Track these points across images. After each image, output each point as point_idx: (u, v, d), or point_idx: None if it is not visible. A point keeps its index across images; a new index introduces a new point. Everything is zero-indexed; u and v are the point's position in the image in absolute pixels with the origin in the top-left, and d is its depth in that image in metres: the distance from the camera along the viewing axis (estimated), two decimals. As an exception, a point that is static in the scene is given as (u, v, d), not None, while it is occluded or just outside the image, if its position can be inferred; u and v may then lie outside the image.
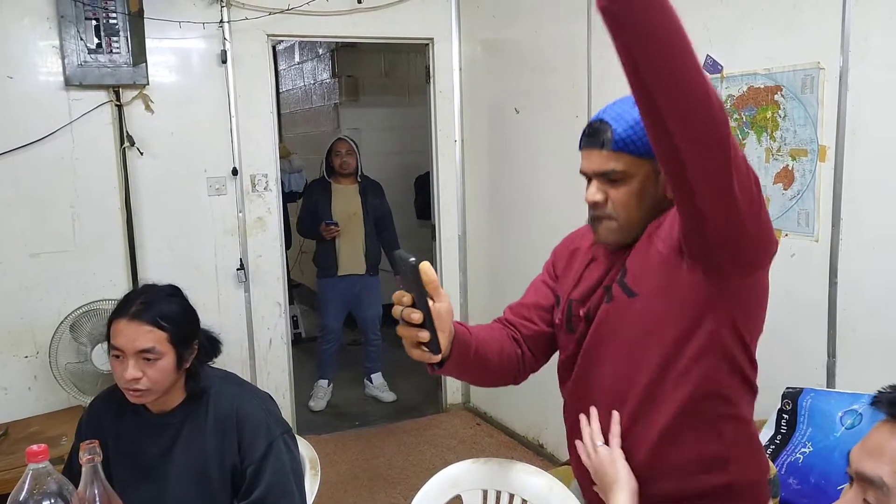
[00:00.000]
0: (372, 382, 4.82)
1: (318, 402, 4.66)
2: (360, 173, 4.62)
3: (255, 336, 4.05)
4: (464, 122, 4.39)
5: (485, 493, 1.62)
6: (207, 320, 1.83)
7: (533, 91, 3.76)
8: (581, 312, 1.41)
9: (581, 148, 1.38)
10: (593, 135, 1.34)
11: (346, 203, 4.58)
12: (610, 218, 1.35)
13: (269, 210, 4.03)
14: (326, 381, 4.74)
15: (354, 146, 4.58)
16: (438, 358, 1.22)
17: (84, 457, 1.30)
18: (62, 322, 3.34)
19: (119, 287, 3.64)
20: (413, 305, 1.16)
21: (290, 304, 4.53)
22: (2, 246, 3.50)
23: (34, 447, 1.17)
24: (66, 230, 3.61)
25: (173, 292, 1.77)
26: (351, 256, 4.58)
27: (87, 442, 1.32)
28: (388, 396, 4.75)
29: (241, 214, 3.94)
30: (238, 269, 3.94)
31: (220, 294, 3.89)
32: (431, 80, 4.38)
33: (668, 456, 1.32)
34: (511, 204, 4.04)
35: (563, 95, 3.52)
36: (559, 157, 3.55)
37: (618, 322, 1.33)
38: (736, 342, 1.29)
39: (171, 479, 1.72)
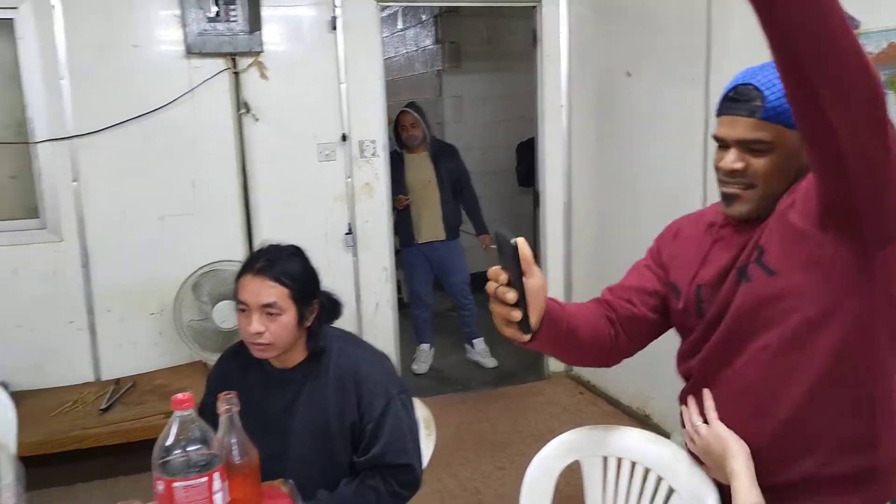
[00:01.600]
0: (473, 347, 4.85)
1: (421, 365, 4.74)
2: (429, 140, 4.58)
3: (362, 300, 4.14)
4: (571, 87, 4.30)
5: (605, 459, 1.60)
6: (316, 283, 1.88)
7: (645, 53, 3.64)
8: (713, 296, 1.36)
9: (722, 113, 1.31)
10: (739, 100, 1.27)
11: (418, 172, 4.56)
12: (748, 188, 1.29)
13: (376, 176, 4.09)
14: (427, 345, 4.81)
15: (419, 116, 4.52)
16: (528, 338, 1.21)
17: (222, 407, 1.37)
18: (185, 282, 3.50)
19: (236, 249, 3.79)
20: (508, 284, 1.15)
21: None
22: (131, 209, 3.69)
23: (180, 395, 1.23)
24: (187, 194, 3.77)
25: (296, 252, 1.82)
26: (429, 224, 4.59)
27: (226, 393, 1.38)
28: (490, 362, 4.77)
29: (349, 180, 4.02)
30: (346, 234, 4.02)
31: (328, 258, 3.98)
32: (538, 44, 4.31)
33: (806, 434, 1.27)
34: (620, 171, 3.95)
35: (678, 57, 3.39)
36: (673, 123, 3.43)
37: (758, 302, 1.28)
38: (891, 314, 1.22)
39: (293, 434, 1.78)
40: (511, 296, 1.14)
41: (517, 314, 1.15)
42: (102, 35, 3.57)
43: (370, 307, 4.18)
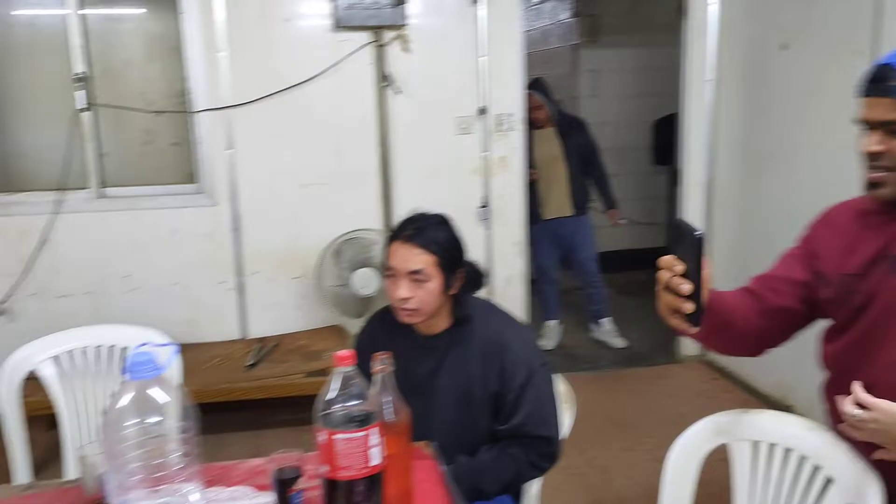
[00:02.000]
0: (600, 326, 4.79)
1: (548, 341, 4.73)
2: (556, 116, 4.49)
3: (494, 273, 4.17)
4: (720, 60, 4.12)
5: (755, 444, 1.55)
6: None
7: (804, 24, 3.43)
8: (861, 284, 1.31)
9: (863, 94, 1.26)
10: (880, 81, 1.22)
11: (545, 147, 4.48)
12: (891, 170, 1.25)
13: (512, 150, 4.09)
14: (555, 321, 4.79)
15: (543, 97, 4.41)
16: (695, 330, 1.19)
17: (377, 366, 1.42)
18: (326, 248, 3.65)
19: (374, 218, 3.90)
20: (684, 275, 1.13)
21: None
22: (278, 176, 3.87)
23: (342, 352, 1.29)
24: (329, 164, 3.91)
25: (443, 220, 1.86)
26: (556, 199, 4.53)
27: (381, 353, 1.44)
28: (619, 342, 4.70)
29: (485, 154, 4.04)
30: (481, 208, 4.06)
31: (462, 231, 4.02)
32: (684, 16, 4.15)
33: None
34: (770, 151, 3.75)
35: (840, 29, 3.17)
36: (833, 100, 3.22)
37: None
38: None
39: (436, 398, 1.83)
40: (686, 287, 1.13)
41: (689, 306, 1.14)
42: (257, 10, 3.73)
43: (501, 281, 4.21)
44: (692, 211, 4.33)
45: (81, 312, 3.74)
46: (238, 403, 3.46)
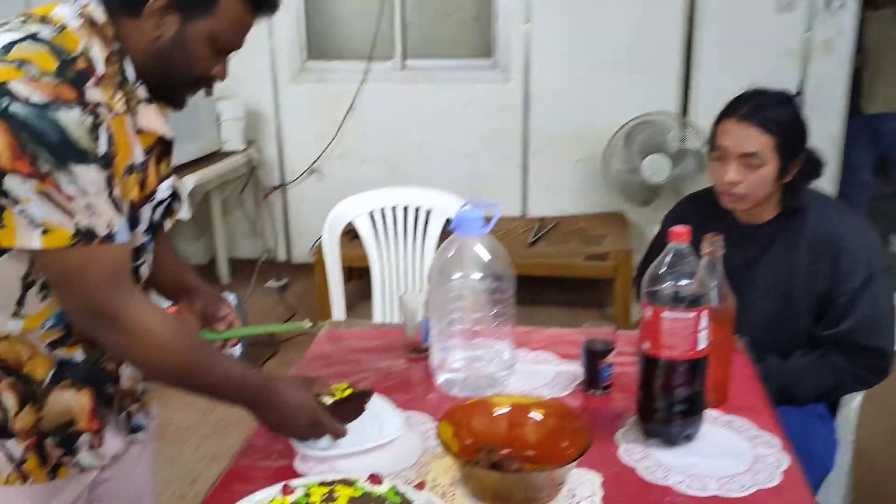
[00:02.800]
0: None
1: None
2: None
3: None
4: None
5: None
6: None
7: None
8: None
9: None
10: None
11: (880, 31, 3.83)
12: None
13: (840, 31, 3.58)
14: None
15: None
16: None
17: (706, 248, 1.32)
18: (618, 131, 3.51)
19: (670, 102, 3.67)
20: None
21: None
22: (572, 54, 3.77)
23: (678, 227, 1.20)
24: (628, 43, 3.71)
25: (787, 99, 1.66)
26: (884, 92, 3.94)
27: (712, 234, 1.33)
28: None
29: (807, 34, 3.57)
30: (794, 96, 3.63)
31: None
32: None
33: None
34: None
35: None
36: None
37: None
38: None
39: (752, 292, 1.69)
40: None
41: None
42: None
43: (805, 180, 3.80)
44: None
45: (378, 177, 4.00)
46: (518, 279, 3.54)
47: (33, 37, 0.97)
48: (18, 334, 1.06)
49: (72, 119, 0.93)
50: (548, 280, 3.60)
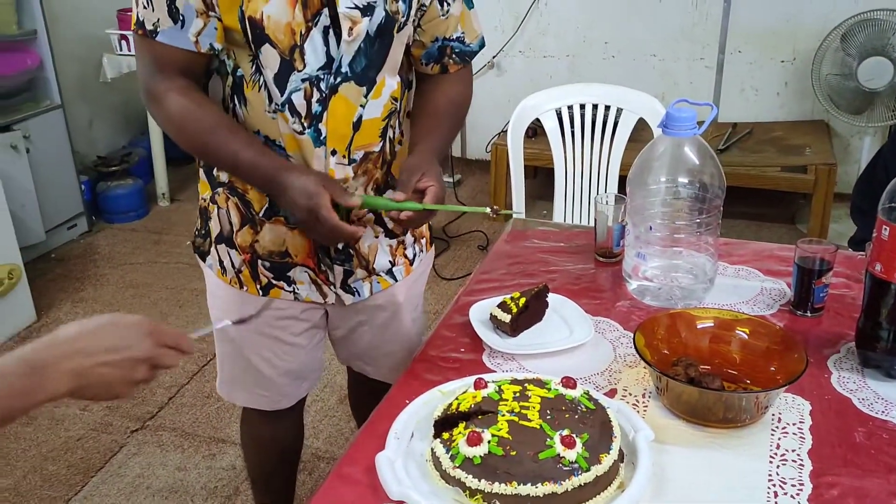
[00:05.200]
0: None
1: None
2: None
3: None
4: None
5: None
6: None
7: None
8: None
9: None
10: None
11: None
12: None
13: None
14: None
15: None
16: None
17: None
18: (833, 30, 3.14)
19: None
20: None
21: None
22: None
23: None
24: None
25: None
26: None
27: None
28: None
29: None
30: None
31: None
32: None
33: None
34: None
35: None
36: None
37: None
38: None
39: None
40: None
41: None
42: None
43: None
44: None
45: (560, 74, 3.86)
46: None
47: None
48: None
49: None
50: (736, 190, 3.35)
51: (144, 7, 1.12)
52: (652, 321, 1.14)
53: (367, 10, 1.13)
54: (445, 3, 1.25)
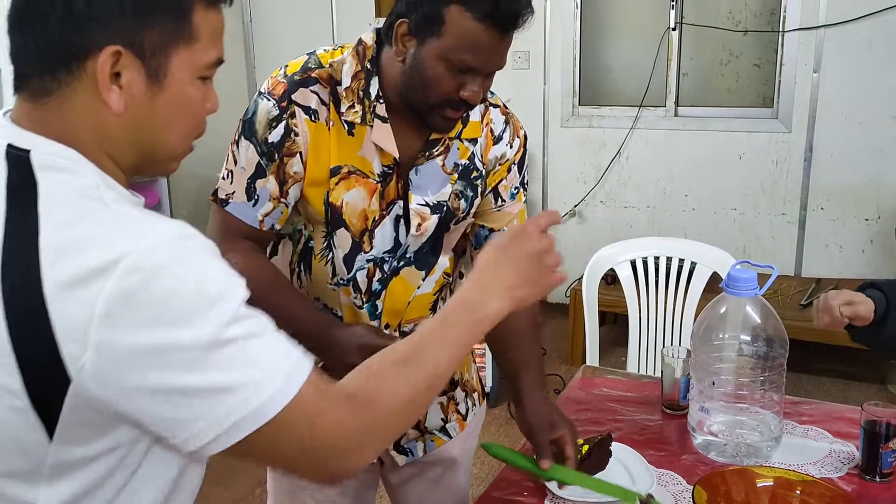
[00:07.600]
0: None
1: None
2: None
3: None
4: None
5: None
6: None
7: None
8: None
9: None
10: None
11: None
12: None
13: None
14: None
15: None
16: None
17: None
18: (917, 190, 3.16)
19: None
20: None
21: None
22: (864, 106, 3.46)
23: None
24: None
25: None
26: None
27: None
28: None
29: None
30: None
31: None
32: None
33: None
34: None
35: None
36: None
37: None
38: None
39: None
40: None
41: None
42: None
43: None
44: None
45: (640, 224, 3.96)
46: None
47: (315, 51, 1.23)
48: None
49: (263, 106, 1.18)
50: (820, 346, 3.30)
51: (224, 178, 1.22)
52: (712, 476, 1.16)
53: (437, 209, 1.25)
54: (500, 199, 1.34)
